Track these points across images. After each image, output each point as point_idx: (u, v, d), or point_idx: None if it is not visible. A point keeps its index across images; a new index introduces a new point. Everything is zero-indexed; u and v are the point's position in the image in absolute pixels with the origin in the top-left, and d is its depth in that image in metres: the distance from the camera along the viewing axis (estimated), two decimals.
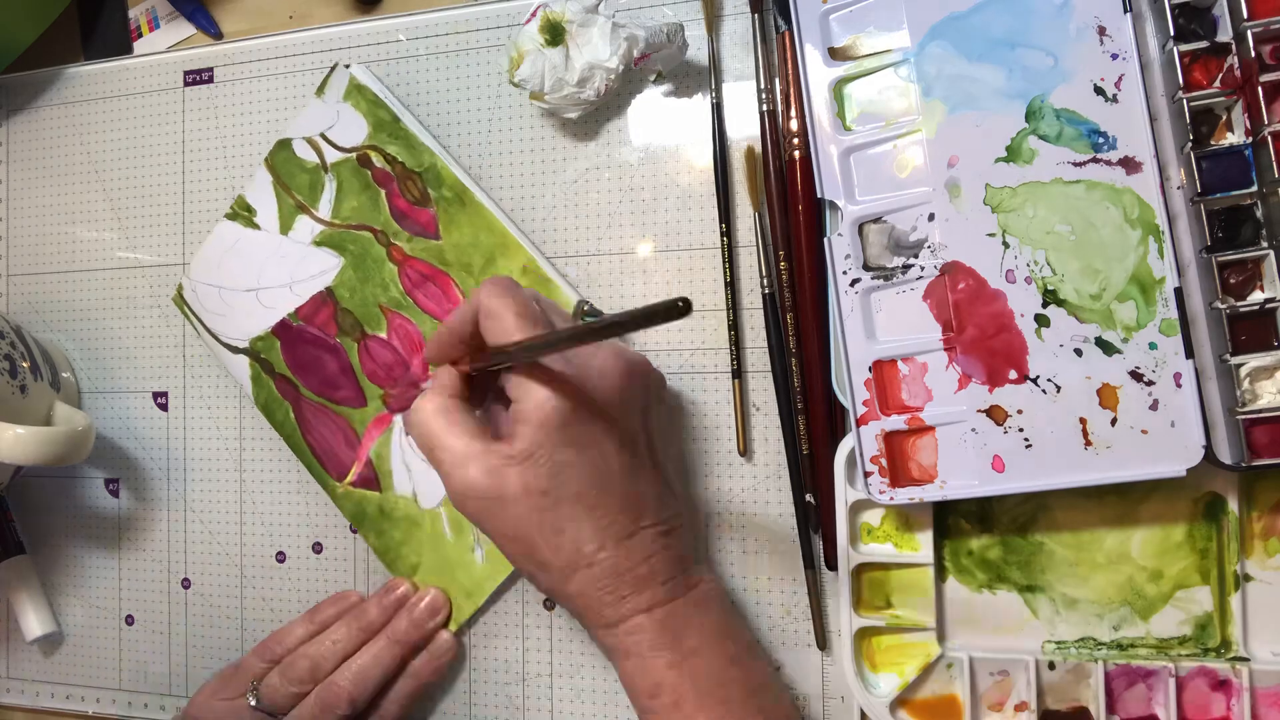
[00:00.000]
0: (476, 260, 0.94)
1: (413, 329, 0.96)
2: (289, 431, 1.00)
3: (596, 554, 0.75)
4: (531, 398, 0.73)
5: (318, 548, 1.02)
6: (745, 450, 0.89)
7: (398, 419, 0.98)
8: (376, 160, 0.96)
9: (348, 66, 0.97)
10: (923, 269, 0.78)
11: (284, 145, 0.98)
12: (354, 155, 0.96)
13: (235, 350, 1.01)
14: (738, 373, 0.88)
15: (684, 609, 0.78)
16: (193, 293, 1.02)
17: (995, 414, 0.76)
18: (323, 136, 0.97)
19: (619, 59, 0.86)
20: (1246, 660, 0.77)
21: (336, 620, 0.97)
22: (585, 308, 0.89)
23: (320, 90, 0.96)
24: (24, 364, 0.98)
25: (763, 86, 0.87)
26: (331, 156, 0.97)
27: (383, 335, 0.97)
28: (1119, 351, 0.73)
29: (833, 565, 0.86)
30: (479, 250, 0.94)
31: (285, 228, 0.98)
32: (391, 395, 0.97)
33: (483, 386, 0.83)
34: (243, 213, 1.00)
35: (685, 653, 0.76)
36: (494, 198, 0.95)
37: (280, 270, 0.99)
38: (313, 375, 0.99)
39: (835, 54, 0.81)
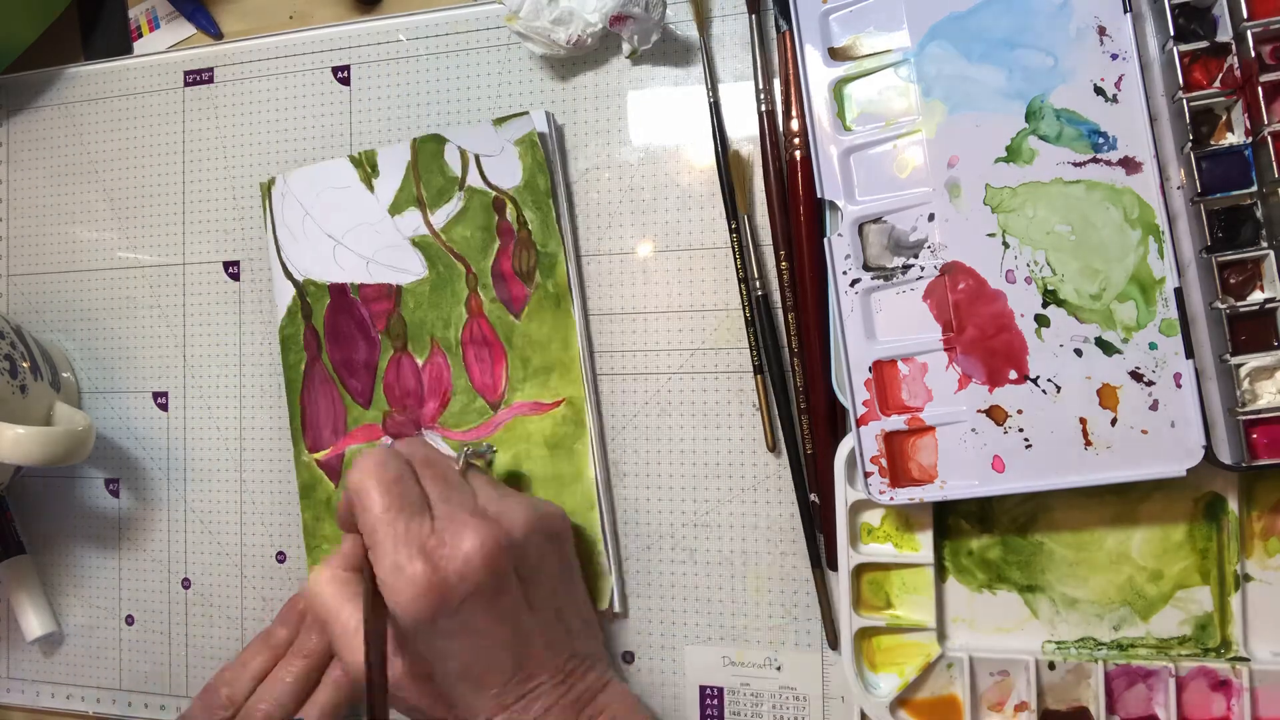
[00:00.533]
0: (536, 360, 0.94)
1: (446, 375, 0.96)
2: (292, 377, 1.01)
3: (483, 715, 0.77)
4: (397, 597, 0.73)
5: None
6: (774, 446, 0.89)
7: (384, 440, 0.98)
8: (509, 212, 0.94)
9: (531, 113, 0.95)
10: (923, 269, 0.78)
11: (437, 140, 0.96)
12: (493, 194, 0.95)
13: (289, 276, 1.01)
14: (760, 368, 0.88)
15: None
16: (280, 196, 1.01)
17: (995, 414, 0.76)
18: (476, 159, 0.96)
19: (600, 15, 0.87)
20: (1246, 660, 0.77)
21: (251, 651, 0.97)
22: (467, 452, 0.88)
23: (500, 121, 0.95)
24: (24, 364, 0.98)
25: (760, 86, 0.87)
26: (473, 181, 0.95)
27: (419, 361, 0.97)
28: (1119, 352, 0.73)
29: (833, 565, 0.85)
30: (543, 355, 0.94)
31: (396, 210, 0.97)
32: (392, 418, 0.97)
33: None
34: (366, 166, 0.98)
35: None
36: (572, 214, 0.95)
37: (368, 242, 0.98)
38: (340, 349, 0.99)
39: (835, 54, 0.81)
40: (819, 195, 0.80)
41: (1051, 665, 0.80)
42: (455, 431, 0.95)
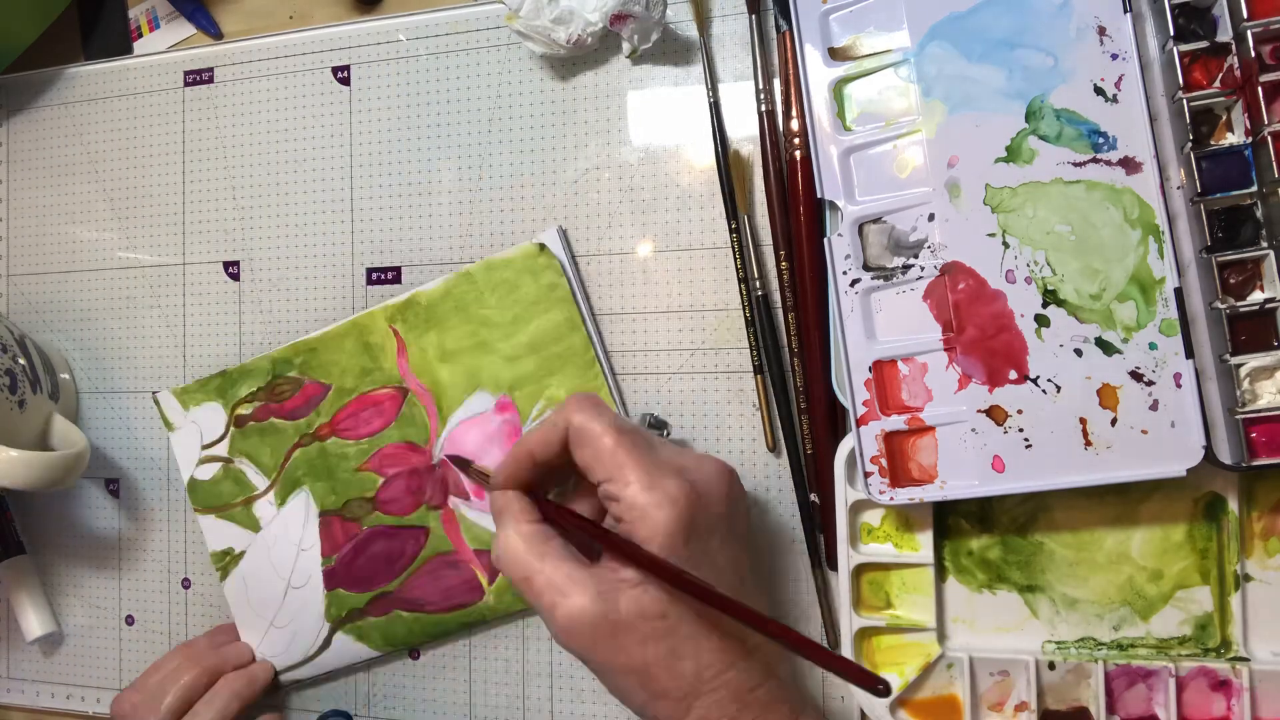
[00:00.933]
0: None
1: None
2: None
3: (719, 677, 0.69)
4: (648, 518, 0.68)
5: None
6: (774, 446, 0.89)
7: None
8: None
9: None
10: (923, 269, 0.78)
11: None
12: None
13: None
14: (760, 368, 0.88)
15: None
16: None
17: (995, 414, 0.76)
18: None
19: (600, 14, 0.87)
20: (1246, 660, 0.77)
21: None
22: (650, 419, 0.88)
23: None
24: (24, 378, 0.98)
25: (760, 86, 0.88)
26: None
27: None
28: (1119, 352, 0.74)
29: (833, 565, 0.86)
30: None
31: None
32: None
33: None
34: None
35: None
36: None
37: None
38: (365, 566, 0.99)
39: (835, 54, 0.81)
40: (819, 195, 0.81)
41: (1051, 665, 0.80)
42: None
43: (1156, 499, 0.79)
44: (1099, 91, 0.74)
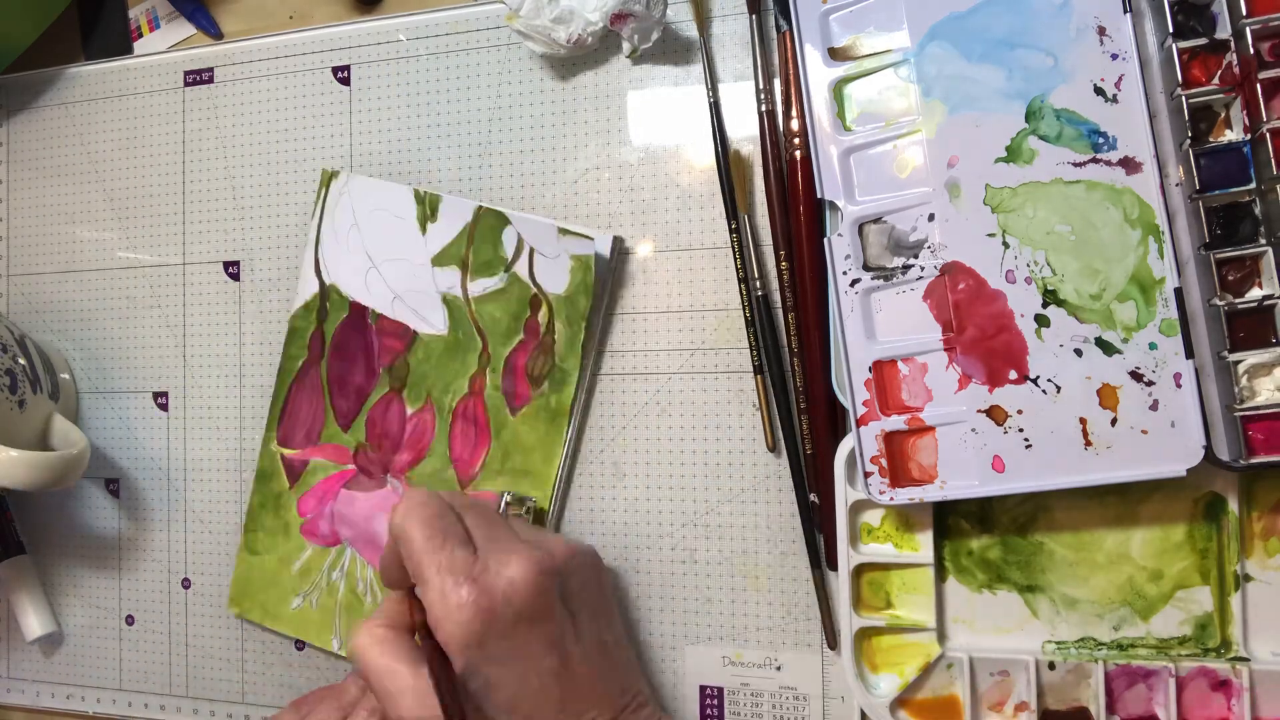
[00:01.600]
0: (514, 461, 0.94)
1: (429, 434, 0.96)
2: (288, 367, 1.01)
3: None
4: (444, 624, 0.73)
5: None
6: (774, 446, 0.89)
7: (349, 468, 0.99)
8: (542, 315, 0.94)
9: (595, 240, 0.93)
10: (923, 269, 0.78)
11: (502, 218, 0.95)
12: (534, 291, 0.94)
13: (318, 272, 1.01)
14: (760, 368, 0.88)
15: None
16: (338, 194, 1.01)
17: (995, 414, 0.76)
18: (531, 251, 0.95)
19: (600, 13, 0.87)
20: (1247, 660, 0.77)
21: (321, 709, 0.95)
22: (507, 498, 0.89)
23: (565, 232, 0.93)
24: (24, 378, 0.98)
25: (761, 86, 0.88)
26: (520, 269, 0.95)
27: (409, 410, 0.97)
28: (1119, 352, 0.74)
29: (833, 565, 0.86)
30: (525, 459, 0.94)
31: (439, 261, 0.97)
32: (365, 453, 0.98)
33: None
34: (427, 207, 0.98)
35: None
36: (600, 345, 0.95)
37: (403, 277, 0.98)
38: (339, 365, 0.99)
39: (835, 54, 0.81)
40: (819, 195, 0.81)
41: (1051, 665, 0.80)
42: None
43: (1157, 499, 0.79)
44: (1099, 91, 0.74)
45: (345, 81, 1.02)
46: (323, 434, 0.99)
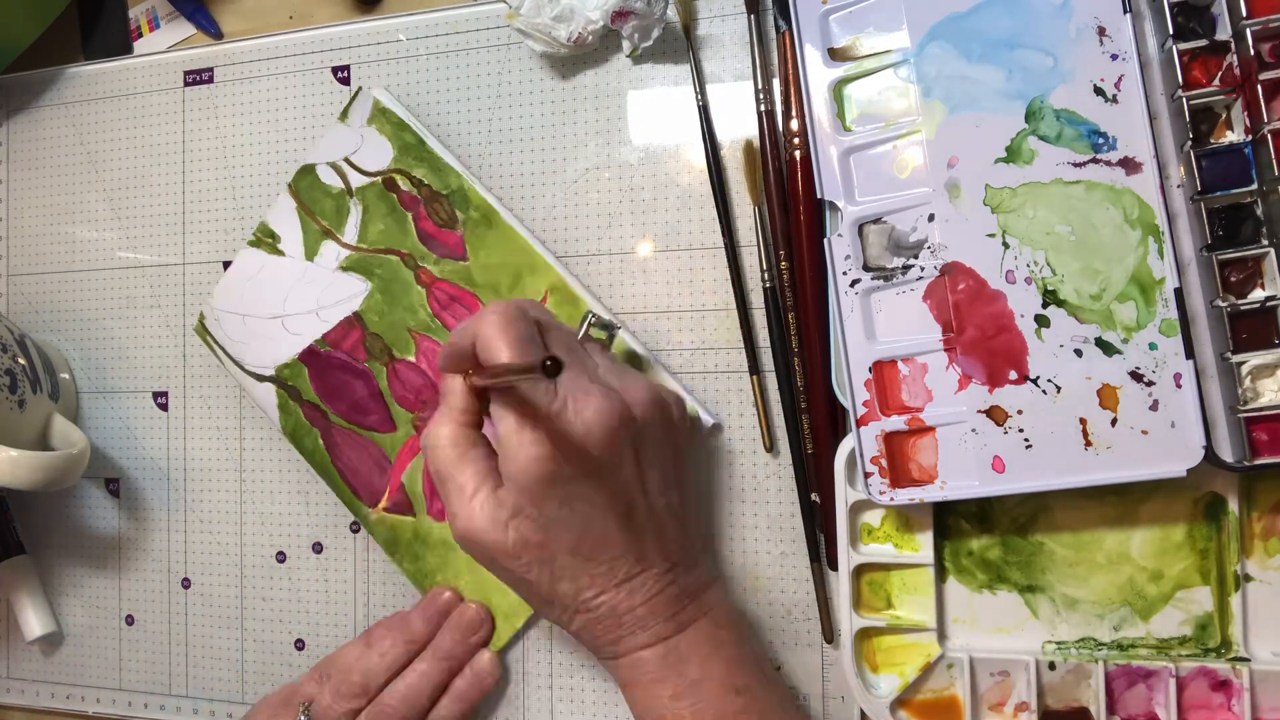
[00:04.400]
0: (504, 280, 0.94)
1: None
2: (319, 459, 1.00)
3: (594, 600, 0.77)
4: (515, 459, 0.72)
5: (318, 548, 1.02)
6: (771, 446, 0.89)
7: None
8: (403, 183, 0.95)
9: (366, 89, 0.96)
10: (923, 269, 0.78)
11: (307, 171, 0.97)
12: (380, 179, 0.96)
13: (261, 379, 1.00)
14: (755, 369, 0.89)
15: (687, 642, 0.78)
16: (215, 321, 1.01)
17: (995, 414, 0.76)
18: (347, 161, 0.96)
19: (601, 12, 0.87)
20: (1247, 660, 0.77)
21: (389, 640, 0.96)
22: (591, 319, 0.88)
23: (344, 115, 0.96)
24: (24, 378, 0.98)
25: (760, 86, 0.88)
26: (356, 181, 0.96)
27: (411, 359, 0.97)
28: (1119, 352, 0.74)
29: (833, 565, 0.86)
30: (507, 270, 0.94)
31: (311, 254, 0.98)
32: (422, 419, 0.97)
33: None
34: (266, 239, 0.99)
35: (687, 684, 0.77)
36: (519, 217, 0.95)
37: (306, 296, 0.98)
38: (341, 401, 0.98)
39: (835, 54, 0.81)
40: (819, 196, 0.81)
41: (1052, 665, 0.80)
42: None
43: (1157, 499, 0.79)
44: (1099, 92, 0.74)
45: (345, 81, 1.01)
46: (389, 454, 0.98)
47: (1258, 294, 0.72)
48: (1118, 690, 0.79)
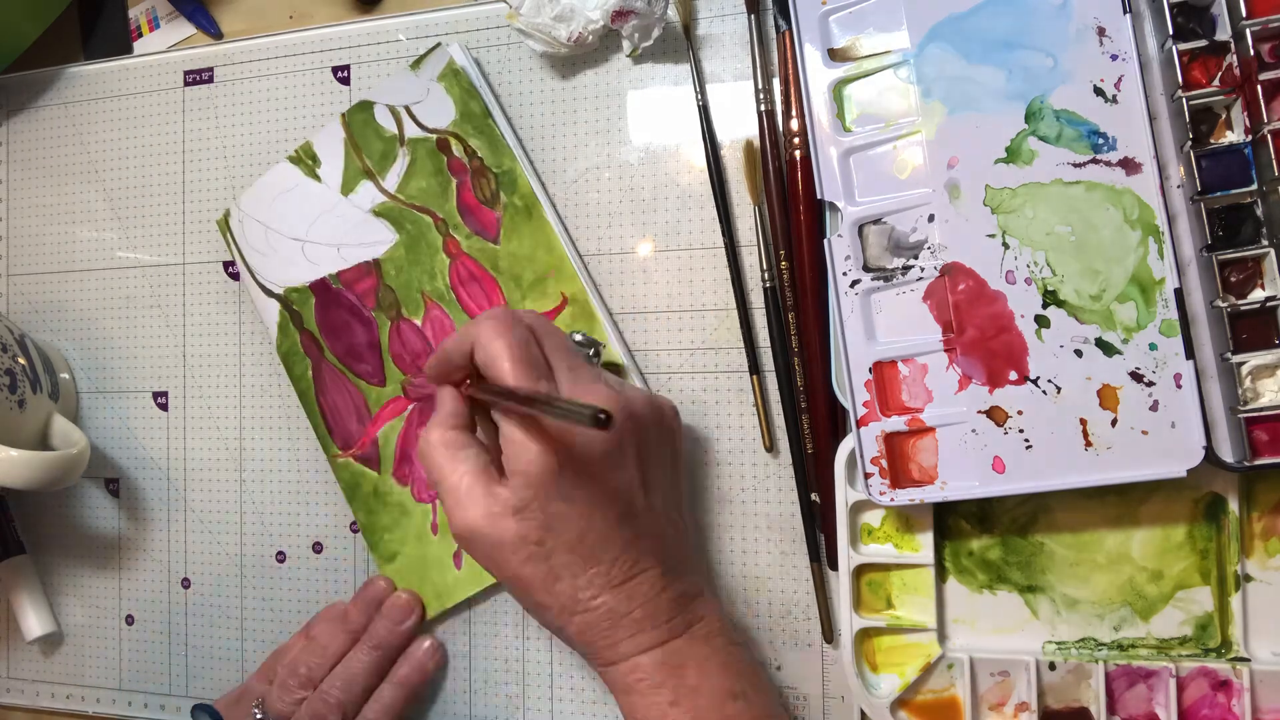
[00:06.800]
0: (528, 275, 0.94)
1: (448, 323, 0.96)
2: (304, 388, 1.00)
3: (592, 600, 0.76)
4: (521, 455, 0.73)
5: (318, 548, 1.02)
6: (771, 446, 0.89)
7: (412, 407, 0.97)
8: (456, 148, 0.95)
9: (445, 45, 0.96)
10: (923, 270, 0.78)
11: (365, 107, 0.97)
12: (434, 137, 0.95)
13: (269, 294, 1.00)
14: (755, 369, 0.89)
15: (684, 647, 0.78)
16: (239, 223, 1.01)
17: (995, 415, 0.76)
18: (407, 110, 0.96)
19: (601, 11, 0.87)
20: (1247, 660, 0.77)
21: (328, 631, 0.97)
22: (578, 338, 0.88)
23: (416, 65, 0.95)
24: (24, 378, 0.98)
25: (760, 86, 0.88)
26: (411, 132, 0.96)
27: (417, 322, 0.96)
28: (1119, 352, 0.74)
29: (833, 565, 0.86)
30: (533, 266, 0.93)
31: (348, 189, 0.98)
32: (412, 384, 0.97)
33: (485, 405, 0.82)
34: (306, 160, 0.99)
35: (685, 690, 0.76)
36: (513, 127, 0.96)
37: (332, 229, 0.98)
38: (339, 340, 0.99)
39: (835, 55, 0.81)
40: (819, 196, 0.81)
41: (1052, 666, 0.80)
42: None
43: (1157, 499, 0.79)
44: (1099, 92, 0.75)
45: (345, 81, 1.02)
46: (370, 405, 0.98)
47: (1258, 294, 0.72)
48: (1118, 690, 0.79)
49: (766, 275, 0.87)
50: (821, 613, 0.88)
